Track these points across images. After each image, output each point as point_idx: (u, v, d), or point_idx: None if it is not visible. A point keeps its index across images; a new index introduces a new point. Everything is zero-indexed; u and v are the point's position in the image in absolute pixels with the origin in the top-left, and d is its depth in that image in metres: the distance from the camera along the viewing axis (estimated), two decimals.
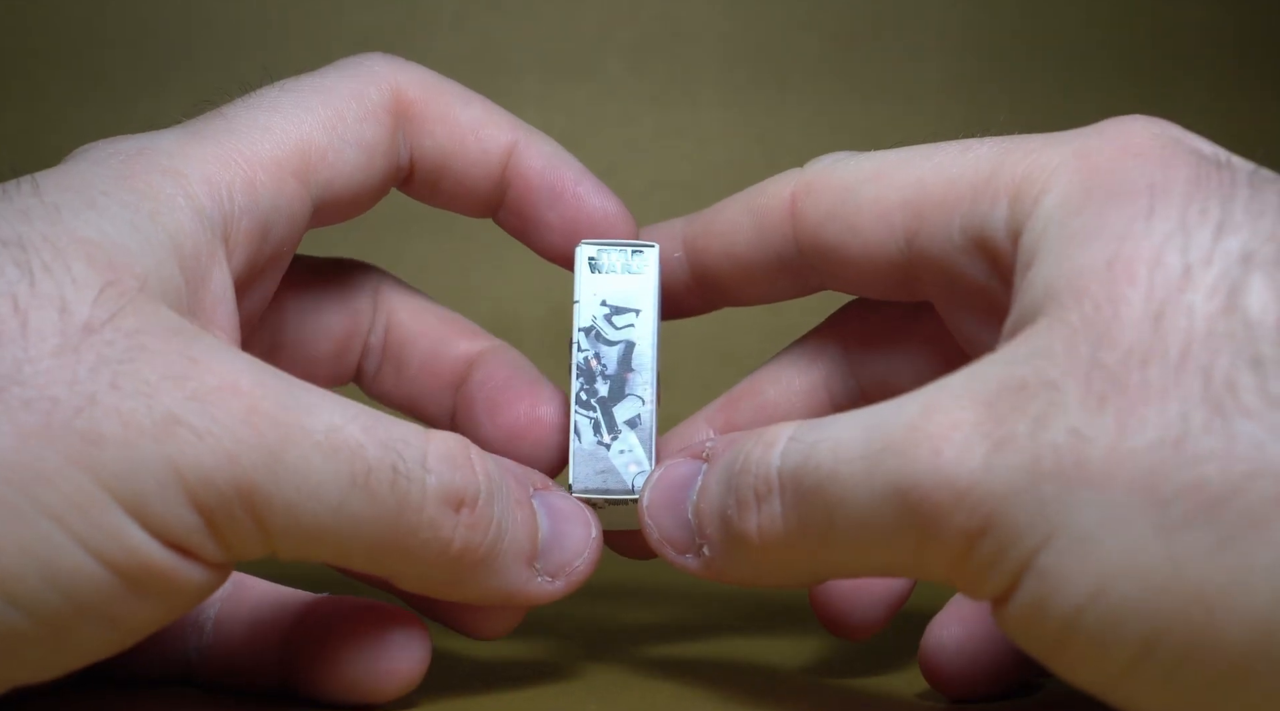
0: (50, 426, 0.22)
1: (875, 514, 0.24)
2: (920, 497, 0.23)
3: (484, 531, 0.27)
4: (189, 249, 0.26)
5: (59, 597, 0.23)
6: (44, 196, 0.25)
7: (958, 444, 0.23)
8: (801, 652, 0.35)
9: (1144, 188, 0.24)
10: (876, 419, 0.25)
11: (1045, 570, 0.22)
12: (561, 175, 0.32)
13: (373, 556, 0.26)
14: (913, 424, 0.24)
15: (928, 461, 0.23)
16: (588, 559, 0.29)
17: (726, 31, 0.69)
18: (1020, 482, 0.22)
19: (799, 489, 0.25)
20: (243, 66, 0.30)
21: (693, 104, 0.69)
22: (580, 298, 0.31)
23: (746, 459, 0.27)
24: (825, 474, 0.25)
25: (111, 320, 0.23)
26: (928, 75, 0.70)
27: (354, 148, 0.30)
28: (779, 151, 0.69)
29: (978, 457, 0.23)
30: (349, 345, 0.34)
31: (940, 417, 0.23)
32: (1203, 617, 0.21)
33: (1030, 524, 0.22)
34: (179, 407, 0.23)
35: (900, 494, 0.24)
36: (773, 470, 0.26)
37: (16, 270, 0.23)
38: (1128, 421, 0.22)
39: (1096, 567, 0.22)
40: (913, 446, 0.23)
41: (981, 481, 0.23)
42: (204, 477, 0.23)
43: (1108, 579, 0.22)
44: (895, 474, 0.24)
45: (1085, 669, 0.23)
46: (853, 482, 0.24)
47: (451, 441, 0.27)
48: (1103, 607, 0.22)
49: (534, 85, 0.67)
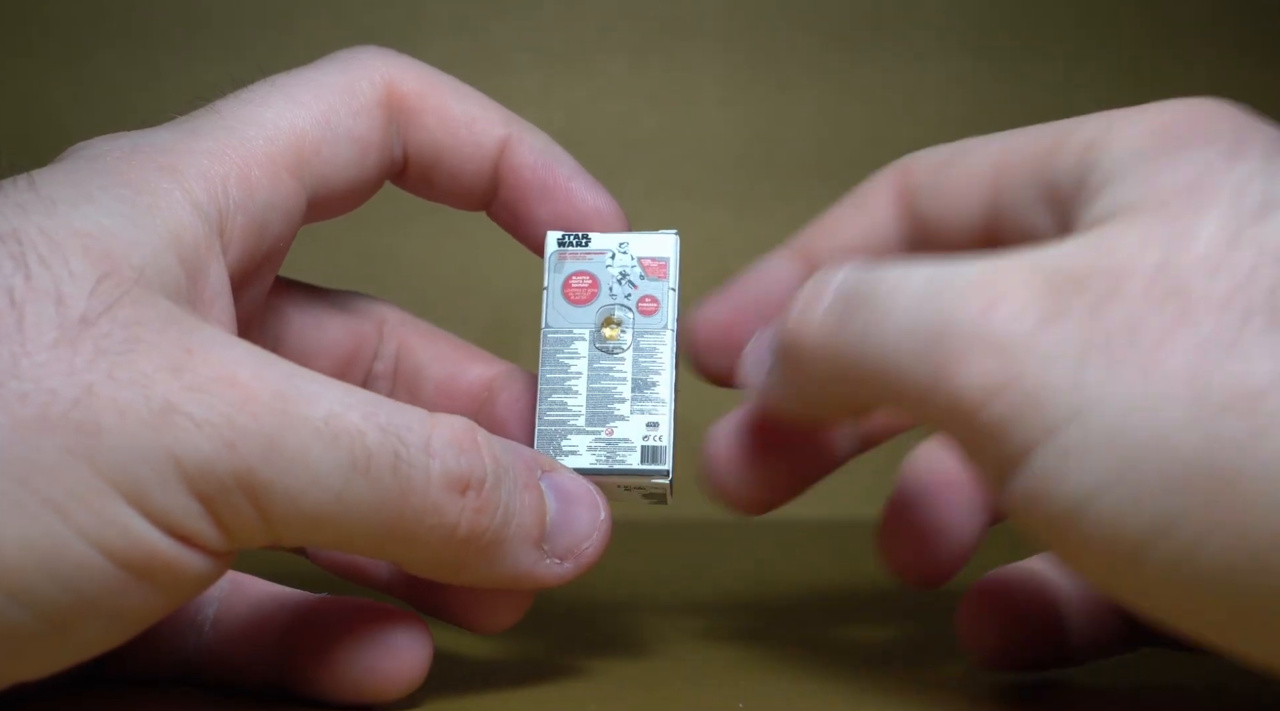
0: (48, 418, 0.22)
1: (909, 336, 0.25)
2: (958, 335, 0.24)
3: (491, 515, 0.27)
4: (187, 242, 0.26)
5: (62, 591, 0.23)
6: (40, 191, 0.25)
7: (1012, 306, 0.24)
8: (802, 652, 0.35)
9: (1227, 133, 0.25)
10: (939, 268, 0.25)
11: (1067, 445, 0.23)
12: (554, 171, 0.32)
13: (377, 542, 0.26)
14: (974, 280, 0.24)
15: (978, 311, 0.24)
16: (596, 541, 0.29)
17: (726, 31, 0.69)
18: (1064, 354, 0.23)
19: (850, 296, 0.26)
20: (241, 65, 0.30)
21: (693, 104, 0.69)
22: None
23: (813, 279, 0.28)
24: (878, 290, 0.26)
25: (108, 312, 0.23)
26: (928, 75, 0.70)
27: (348, 142, 0.30)
28: (779, 151, 0.69)
29: (1027, 323, 0.23)
30: (351, 368, 0.34)
31: (1002, 280, 0.24)
32: (1227, 501, 0.21)
33: (1063, 396, 0.23)
34: (176, 397, 0.23)
35: (939, 327, 0.24)
36: (833, 280, 0.27)
37: (12, 263, 0.23)
38: (1185, 319, 0.22)
39: (1125, 447, 0.22)
40: (967, 296, 0.24)
41: (1024, 344, 0.23)
42: (203, 466, 0.23)
43: (1135, 458, 0.22)
44: (942, 310, 0.24)
45: (1088, 551, 0.23)
46: (900, 305, 0.25)
47: (458, 424, 0.27)
48: (1123, 487, 0.22)
49: (534, 85, 0.67)
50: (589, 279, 0.32)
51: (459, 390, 0.34)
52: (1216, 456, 0.22)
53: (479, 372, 0.34)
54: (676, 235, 0.32)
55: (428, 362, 0.34)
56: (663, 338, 0.31)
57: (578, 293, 0.32)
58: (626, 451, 0.31)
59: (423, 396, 0.34)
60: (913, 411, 0.26)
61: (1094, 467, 0.22)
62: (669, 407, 0.31)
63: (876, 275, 0.26)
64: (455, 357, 0.35)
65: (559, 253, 0.32)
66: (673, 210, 0.68)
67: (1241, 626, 0.22)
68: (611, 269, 0.32)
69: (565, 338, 0.31)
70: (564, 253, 0.32)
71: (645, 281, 0.32)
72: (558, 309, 0.32)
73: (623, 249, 0.32)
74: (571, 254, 0.32)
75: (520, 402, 0.33)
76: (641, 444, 0.31)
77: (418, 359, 0.34)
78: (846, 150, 0.69)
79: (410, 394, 0.34)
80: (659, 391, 0.31)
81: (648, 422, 0.31)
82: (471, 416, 0.34)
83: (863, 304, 0.26)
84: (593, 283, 0.32)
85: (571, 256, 0.32)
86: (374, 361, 0.34)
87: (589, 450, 0.31)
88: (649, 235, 0.32)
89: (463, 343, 0.35)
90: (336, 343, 0.34)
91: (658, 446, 0.31)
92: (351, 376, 0.34)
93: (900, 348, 0.25)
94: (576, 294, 0.32)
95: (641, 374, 0.31)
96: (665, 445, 0.31)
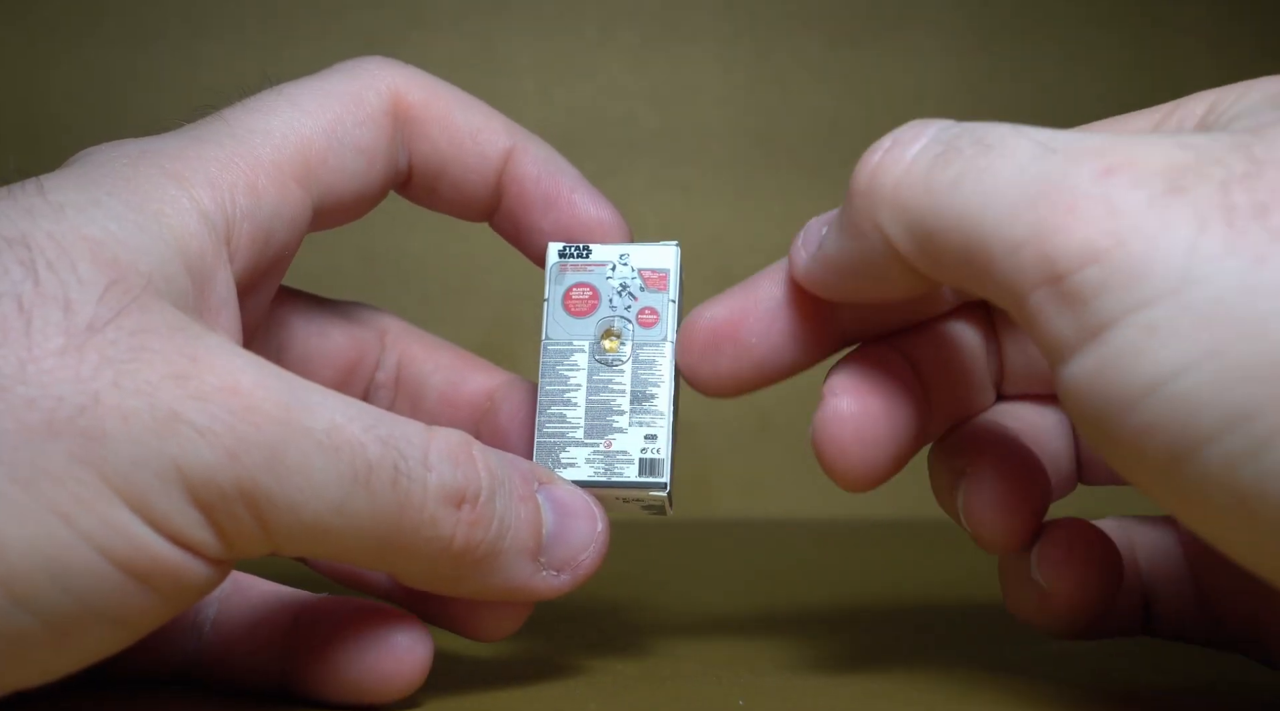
0: (54, 424, 0.22)
1: (1011, 188, 0.23)
2: (1069, 192, 0.23)
3: (486, 528, 0.27)
4: (194, 250, 0.26)
5: (65, 595, 0.23)
6: (48, 196, 0.25)
7: (1136, 173, 0.22)
8: (802, 652, 0.36)
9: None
10: (1056, 132, 0.24)
11: (1157, 319, 0.22)
12: (557, 182, 0.32)
13: (374, 553, 0.26)
14: (1098, 145, 0.23)
15: (1098, 171, 0.23)
16: (593, 553, 0.29)
17: (726, 32, 0.69)
18: (1178, 229, 0.22)
19: (951, 142, 0.25)
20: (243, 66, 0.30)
21: (692, 104, 0.69)
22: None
23: (902, 128, 0.26)
24: (985, 139, 0.24)
25: (115, 319, 0.23)
26: (928, 75, 0.70)
27: (353, 151, 0.30)
28: (778, 152, 0.69)
29: (1152, 191, 0.22)
30: (352, 377, 0.34)
31: (1129, 147, 0.23)
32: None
33: (1170, 266, 0.22)
34: (181, 406, 0.23)
35: (1049, 183, 0.23)
36: (929, 127, 0.26)
37: (21, 269, 0.23)
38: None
39: (1220, 326, 0.21)
40: (1087, 157, 0.23)
41: (1141, 210, 0.22)
42: (206, 476, 0.23)
43: (1227, 339, 0.21)
44: (1056, 168, 0.23)
45: (1148, 441, 0.22)
46: (1007, 157, 0.24)
47: (454, 438, 0.27)
48: (1206, 369, 0.21)
49: (534, 85, 0.67)
50: (589, 290, 0.32)
51: (461, 400, 0.34)
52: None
53: (481, 383, 0.35)
54: (677, 246, 0.32)
55: (430, 373, 0.35)
56: (662, 350, 0.31)
57: (578, 304, 0.32)
58: (624, 464, 0.31)
59: (425, 406, 0.34)
60: (984, 274, 0.24)
61: (1181, 345, 0.21)
62: (667, 420, 0.31)
63: (984, 127, 0.25)
64: (457, 367, 0.35)
65: (560, 264, 0.32)
66: (673, 210, 0.68)
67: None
68: (612, 281, 0.32)
69: (565, 350, 0.32)
70: (565, 264, 0.32)
71: (645, 293, 0.32)
72: (558, 320, 0.32)
73: (623, 260, 0.32)
74: (572, 265, 0.32)
75: (522, 413, 0.34)
76: (640, 456, 0.31)
77: (420, 369, 0.35)
78: (846, 150, 0.69)
79: (412, 404, 0.35)
80: (657, 404, 0.31)
81: (646, 435, 0.31)
82: (473, 427, 0.34)
83: (963, 151, 0.24)
84: (593, 294, 0.32)
85: (572, 268, 0.32)
86: (376, 371, 0.34)
87: (587, 462, 0.31)
88: (650, 246, 0.32)
89: (464, 352, 0.35)
90: (339, 352, 0.34)
91: (656, 459, 0.31)
92: (353, 386, 0.34)
93: (999, 200, 0.23)
94: (577, 305, 0.32)
95: (640, 386, 0.31)
96: (663, 458, 0.31)
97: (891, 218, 0.26)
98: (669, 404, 0.31)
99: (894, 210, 0.26)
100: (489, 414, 0.34)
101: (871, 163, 0.26)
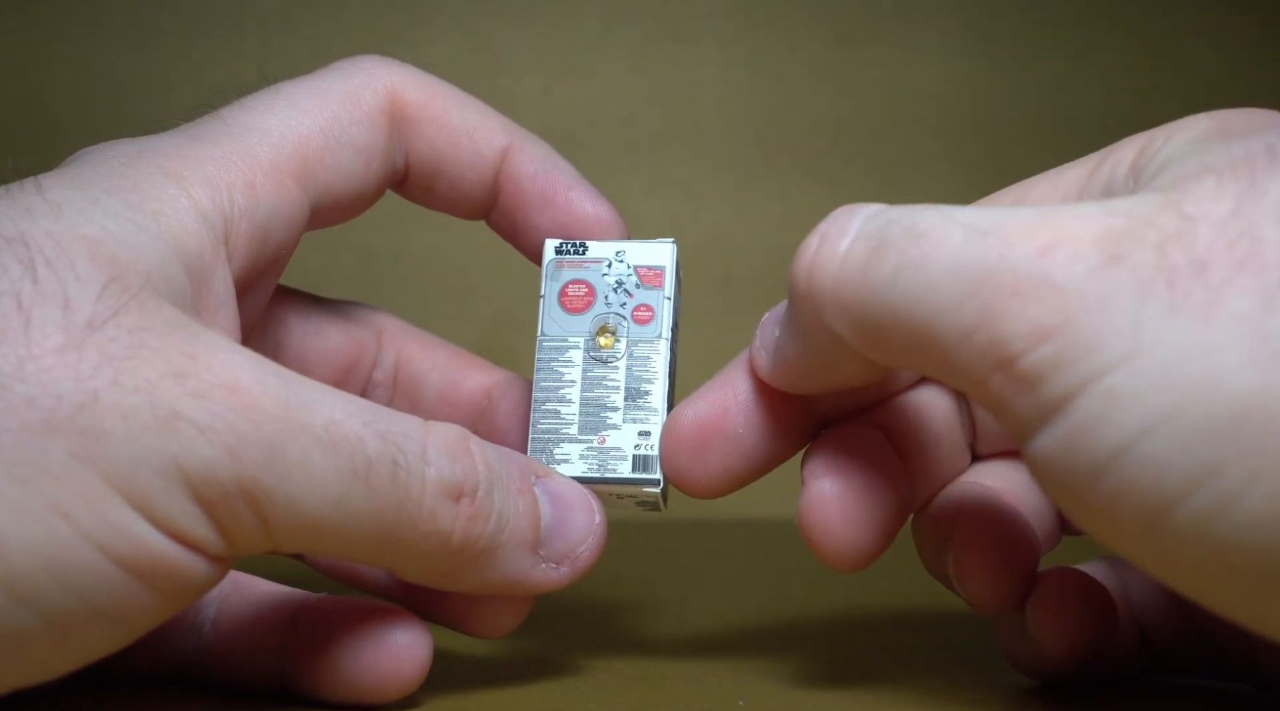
0: (53, 423, 0.22)
1: (950, 278, 0.23)
2: (1009, 276, 0.23)
3: (484, 522, 0.27)
4: (193, 249, 0.26)
5: (66, 594, 0.23)
6: (46, 195, 0.25)
7: (1072, 248, 0.23)
8: (803, 651, 0.36)
9: (1277, 123, 0.25)
10: (986, 211, 0.24)
11: (1114, 389, 0.22)
12: (554, 180, 0.33)
13: (373, 549, 0.26)
14: (1030, 222, 0.23)
15: (1034, 252, 0.23)
16: (592, 545, 0.29)
17: (726, 32, 0.69)
18: (1122, 297, 0.22)
19: (880, 233, 0.25)
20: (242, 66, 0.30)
21: (693, 104, 0.69)
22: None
23: (830, 217, 0.26)
24: (915, 228, 0.24)
25: (114, 317, 0.24)
26: (927, 75, 0.70)
27: (350, 150, 0.30)
28: (778, 152, 0.69)
29: (1088, 265, 0.22)
30: (350, 376, 0.34)
31: (1062, 222, 0.23)
32: (1275, 447, 0.21)
33: (1118, 338, 0.22)
34: (181, 404, 0.23)
35: (987, 269, 0.23)
36: (855, 217, 0.26)
37: (20, 267, 0.23)
38: (1254, 261, 0.22)
39: (1176, 389, 0.21)
40: (1021, 238, 0.23)
41: (1082, 286, 0.22)
42: (206, 473, 0.23)
43: (1184, 402, 0.21)
44: (991, 251, 0.23)
45: (1120, 505, 0.22)
46: (941, 245, 0.24)
47: (451, 432, 0.27)
48: (1168, 431, 0.21)
49: (534, 85, 0.67)
50: (585, 287, 0.32)
51: (459, 398, 0.35)
52: (1270, 402, 0.21)
53: (478, 381, 0.35)
54: (673, 244, 0.32)
55: (428, 371, 0.35)
56: (657, 347, 0.31)
57: (574, 301, 0.32)
58: (618, 460, 0.31)
59: (423, 404, 0.35)
60: (937, 362, 0.24)
61: (1141, 411, 0.22)
62: (661, 416, 0.31)
63: (912, 213, 0.25)
64: (454, 366, 0.35)
65: (556, 261, 0.32)
66: (673, 210, 0.68)
67: (1271, 593, 0.22)
68: (608, 277, 0.32)
69: (560, 346, 0.32)
70: (561, 261, 0.32)
71: (641, 290, 0.32)
72: (554, 317, 0.32)
73: (619, 257, 0.32)
74: (569, 262, 0.32)
75: (519, 411, 0.34)
76: (633, 452, 0.31)
77: (418, 367, 0.35)
78: (846, 150, 0.70)
79: (411, 401, 0.35)
80: (652, 400, 0.31)
81: (640, 431, 0.31)
82: (471, 425, 0.34)
83: (894, 242, 0.24)
84: (589, 291, 0.32)
85: (569, 265, 0.32)
86: (373, 370, 0.35)
87: (581, 458, 0.31)
88: (646, 244, 0.32)
89: (461, 351, 0.35)
90: (336, 350, 0.34)
91: (649, 455, 0.31)
92: (351, 384, 0.34)
93: (939, 290, 0.24)
94: (572, 302, 0.32)
95: (635, 383, 0.31)
96: (656, 454, 0.31)
97: (836, 316, 0.26)
98: (663, 400, 0.31)
99: (837, 309, 0.26)
100: (487, 412, 0.34)
101: (805, 262, 0.26)
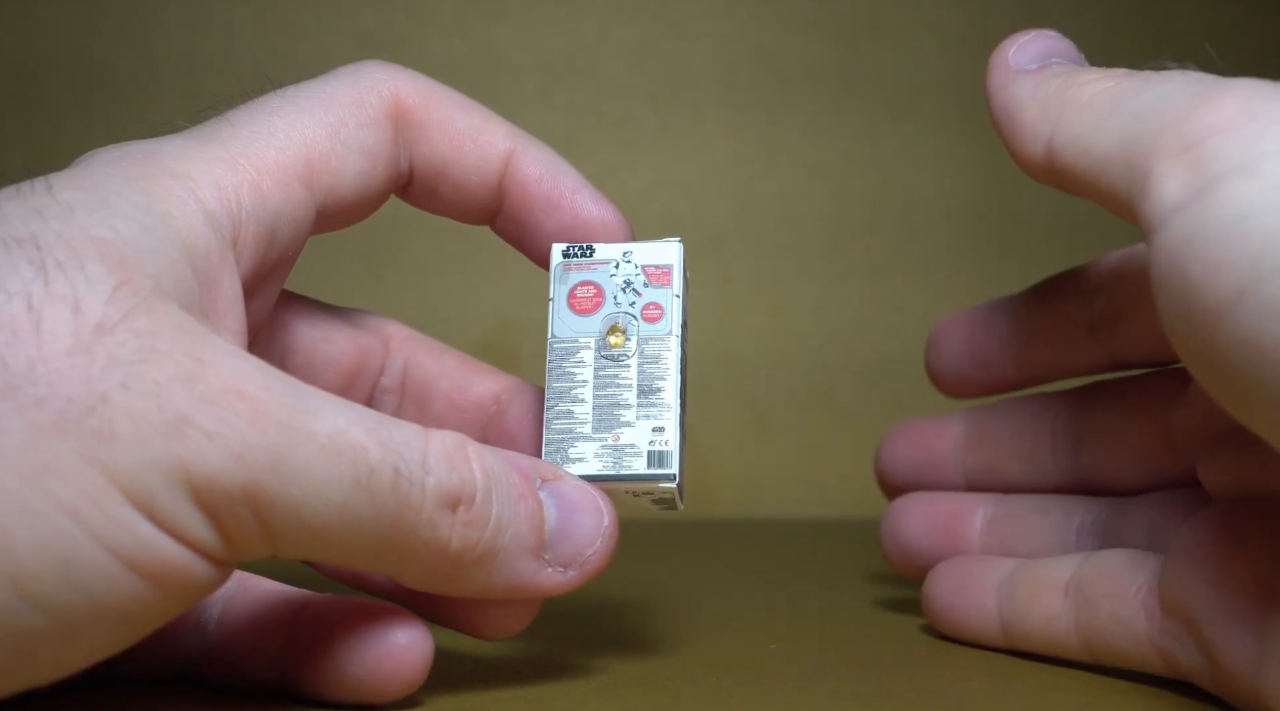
0: (63, 424, 0.23)
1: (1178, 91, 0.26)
2: (1215, 94, 0.26)
3: (481, 528, 0.27)
4: (200, 252, 0.26)
5: (74, 593, 0.23)
6: (57, 196, 0.25)
7: (1273, 93, 0.25)
8: (802, 651, 0.36)
9: None
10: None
11: (1263, 170, 0.24)
12: (559, 183, 0.33)
13: (374, 556, 0.26)
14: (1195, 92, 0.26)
15: (1238, 90, 0.25)
16: (601, 548, 0.29)
17: (726, 32, 0.70)
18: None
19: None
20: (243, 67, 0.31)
21: (693, 104, 0.69)
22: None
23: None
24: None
25: (124, 320, 0.24)
26: (928, 75, 0.70)
27: (357, 154, 0.30)
28: (778, 151, 0.69)
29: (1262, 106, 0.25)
30: (356, 382, 0.34)
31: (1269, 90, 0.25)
32: None
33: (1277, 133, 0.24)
34: (189, 409, 0.23)
35: (1198, 90, 0.26)
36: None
37: (31, 269, 0.23)
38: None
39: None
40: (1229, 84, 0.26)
41: (1271, 103, 0.25)
42: (211, 478, 0.23)
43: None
44: (1205, 86, 0.26)
45: (1229, 273, 0.24)
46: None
47: (450, 440, 0.27)
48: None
49: (534, 85, 0.67)
50: (594, 289, 0.32)
51: (468, 404, 0.35)
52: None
53: (487, 386, 0.35)
54: (680, 242, 0.32)
55: (436, 377, 0.35)
56: (667, 343, 0.32)
57: (583, 302, 0.32)
58: (633, 457, 0.31)
59: (432, 410, 0.35)
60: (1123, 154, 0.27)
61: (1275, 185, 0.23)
62: (675, 413, 0.31)
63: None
64: (463, 372, 0.35)
65: (564, 264, 0.32)
66: (673, 210, 0.68)
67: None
68: (616, 278, 0.32)
69: (571, 347, 0.32)
70: (569, 264, 0.32)
71: (650, 289, 0.32)
72: (563, 319, 0.32)
73: (626, 258, 0.32)
74: (576, 265, 0.32)
75: (529, 416, 0.34)
76: (648, 449, 0.31)
77: (426, 373, 0.35)
78: (846, 149, 0.70)
79: (419, 408, 0.35)
80: (664, 397, 0.31)
81: (654, 428, 0.31)
82: (480, 431, 0.34)
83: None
84: (597, 292, 0.32)
85: (576, 267, 0.32)
86: (381, 376, 0.34)
87: (596, 457, 0.31)
88: (653, 244, 0.32)
89: (468, 357, 0.35)
90: (343, 355, 0.34)
91: (664, 451, 0.31)
92: (357, 390, 0.34)
93: (1166, 102, 0.27)
94: (581, 304, 0.32)
95: (647, 380, 0.31)
96: (671, 450, 0.31)
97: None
98: (676, 397, 0.31)
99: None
100: (496, 417, 0.34)
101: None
